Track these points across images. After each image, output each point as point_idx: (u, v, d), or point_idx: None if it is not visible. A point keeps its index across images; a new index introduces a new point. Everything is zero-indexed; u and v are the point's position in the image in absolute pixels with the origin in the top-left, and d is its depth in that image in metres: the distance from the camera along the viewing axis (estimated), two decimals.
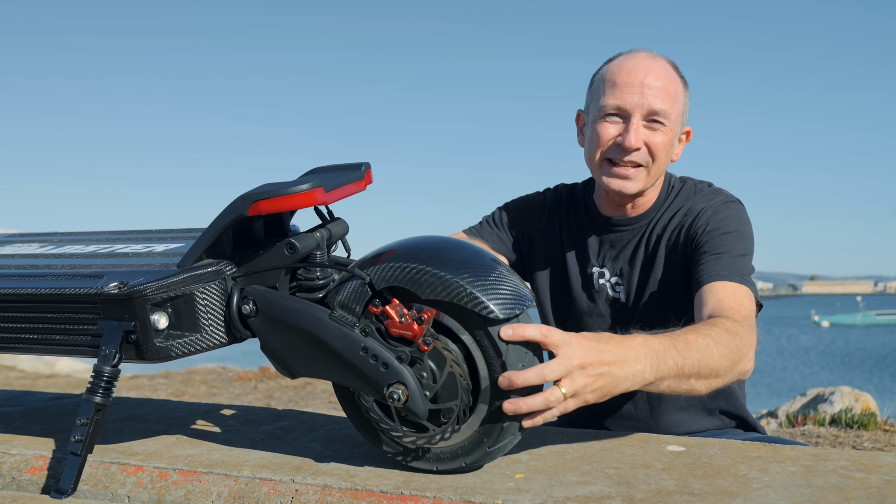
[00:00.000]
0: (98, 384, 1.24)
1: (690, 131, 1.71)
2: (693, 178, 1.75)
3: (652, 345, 1.20)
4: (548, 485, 1.16)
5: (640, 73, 1.60)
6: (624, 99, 1.59)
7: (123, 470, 1.34)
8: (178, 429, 1.61)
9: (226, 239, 1.27)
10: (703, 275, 1.51)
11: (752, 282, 1.52)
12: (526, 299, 1.16)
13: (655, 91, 1.59)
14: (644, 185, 1.64)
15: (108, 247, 1.51)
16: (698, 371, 1.25)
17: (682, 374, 1.23)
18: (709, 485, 1.14)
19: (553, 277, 1.80)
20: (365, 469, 1.27)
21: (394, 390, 1.14)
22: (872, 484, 1.12)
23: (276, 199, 1.17)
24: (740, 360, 1.32)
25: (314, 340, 1.19)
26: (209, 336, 1.26)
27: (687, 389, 1.27)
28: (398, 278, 1.16)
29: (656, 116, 1.59)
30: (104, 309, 1.25)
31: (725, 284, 1.47)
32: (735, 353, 1.31)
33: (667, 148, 1.62)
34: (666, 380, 1.22)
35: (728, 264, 1.51)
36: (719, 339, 1.28)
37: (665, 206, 1.70)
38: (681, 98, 1.64)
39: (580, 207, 1.80)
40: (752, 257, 1.58)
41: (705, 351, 1.25)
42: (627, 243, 1.71)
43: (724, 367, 1.29)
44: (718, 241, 1.56)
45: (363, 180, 1.31)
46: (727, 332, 1.31)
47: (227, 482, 1.27)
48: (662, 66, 1.63)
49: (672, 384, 1.23)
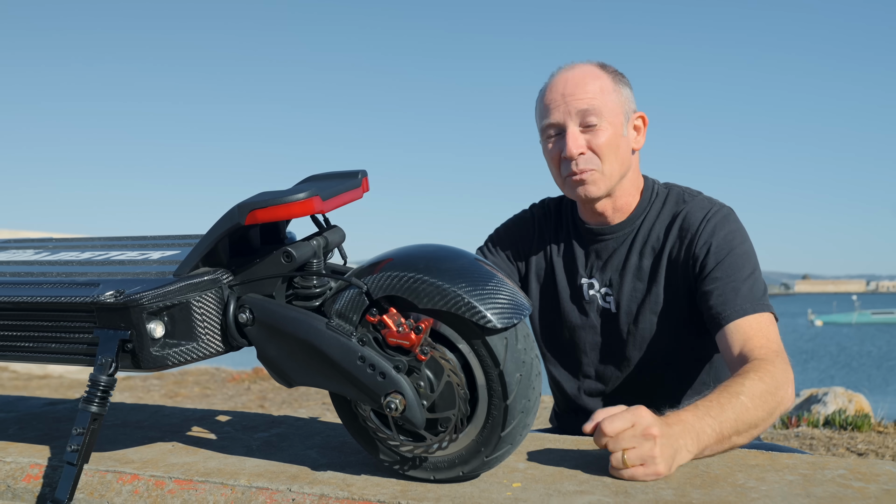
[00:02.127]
0: (94, 393, 1.24)
1: (644, 116, 1.72)
2: (678, 185, 1.75)
3: (689, 420, 1.27)
4: (545, 494, 1.16)
5: (560, 86, 1.65)
6: (552, 115, 1.65)
7: (119, 478, 1.33)
8: (174, 435, 1.60)
9: (222, 247, 1.26)
10: (723, 311, 1.52)
11: (768, 302, 1.54)
12: (523, 308, 1.16)
13: (577, 96, 1.63)
14: (607, 185, 1.65)
15: (103, 254, 1.50)
16: (737, 430, 1.31)
17: (723, 437, 1.29)
18: (707, 494, 1.14)
19: (544, 291, 1.81)
20: (362, 478, 1.26)
21: (391, 400, 1.14)
22: (871, 493, 1.12)
23: (273, 208, 1.16)
24: (779, 402, 1.37)
25: (311, 349, 1.19)
26: (206, 345, 1.25)
27: (729, 447, 1.33)
28: (395, 287, 1.16)
29: (587, 118, 1.62)
30: (100, 318, 1.24)
31: (749, 320, 1.49)
32: (771, 397, 1.36)
33: (612, 143, 1.64)
34: (708, 448, 1.28)
35: (746, 294, 1.52)
36: (753, 392, 1.34)
37: (650, 211, 1.70)
38: (610, 91, 1.66)
39: (566, 219, 1.81)
40: (759, 268, 1.60)
41: (740, 409, 1.31)
42: (614, 252, 1.71)
43: (762, 416, 1.34)
44: (728, 264, 1.56)
45: (360, 188, 1.31)
46: (759, 380, 1.36)
47: (223, 491, 1.26)
48: (582, 70, 1.67)
49: (715, 448, 1.30)
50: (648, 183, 1.74)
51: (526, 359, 1.16)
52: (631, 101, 1.70)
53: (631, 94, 1.70)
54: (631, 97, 1.70)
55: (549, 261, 1.80)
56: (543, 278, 1.81)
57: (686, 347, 1.68)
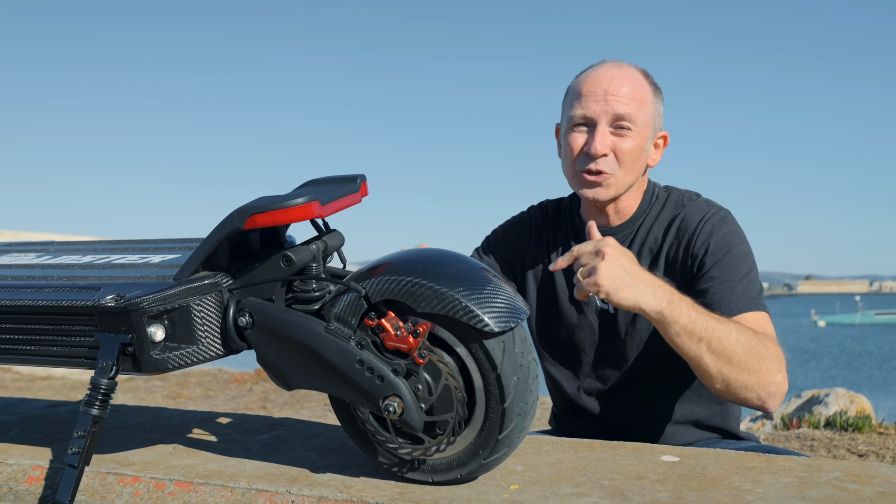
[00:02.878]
0: (95, 396, 1.25)
1: (667, 136, 1.73)
2: (678, 188, 1.76)
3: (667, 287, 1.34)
4: (542, 496, 1.17)
5: (604, 81, 1.63)
6: (588, 107, 1.62)
7: (120, 480, 1.34)
8: (175, 437, 1.61)
9: (222, 251, 1.27)
10: (717, 308, 1.53)
11: (763, 302, 1.54)
12: (521, 311, 1.17)
13: (619, 97, 1.61)
14: (616, 191, 1.66)
15: (104, 257, 1.51)
16: (709, 340, 1.32)
17: (693, 332, 1.30)
18: (703, 496, 1.15)
19: (542, 292, 1.81)
20: (361, 480, 1.27)
21: (389, 403, 1.14)
22: (866, 496, 1.13)
23: (272, 213, 1.17)
24: (763, 365, 1.36)
25: (310, 353, 1.20)
26: (205, 348, 1.27)
27: (695, 353, 1.33)
28: (394, 291, 1.17)
29: (622, 122, 1.61)
30: (101, 321, 1.25)
31: (746, 317, 1.50)
32: (757, 353, 1.36)
33: (635, 153, 1.64)
34: (675, 324, 1.31)
35: (742, 293, 1.53)
36: (743, 330, 1.35)
37: (649, 214, 1.71)
38: (649, 103, 1.65)
39: (566, 221, 1.82)
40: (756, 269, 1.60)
41: (721, 328, 1.32)
42: None
43: (741, 357, 1.34)
44: (725, 264, 1.57)
45: (358, 193, 1.32)
46: (755, 336, 1.37)
47: (223, 493, 1.27)
48: (628, 73, 1.65)
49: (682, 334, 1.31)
50: (649, 186, 1.75)
51: (523, 362, 1.17)
52: (661, 118, 1.70)
53: (662, 111, 1.71)
54: (662, 114, 1.71)
55: (547, 262, 1.81)
56: (541, 279, 1.81)
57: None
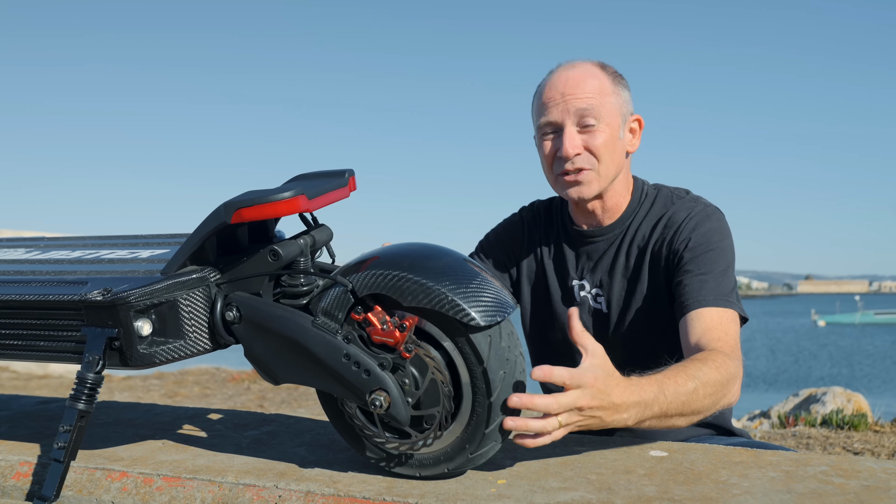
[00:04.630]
0: (81, 391, 1.25)
1: (640, 119, 1.73)
2: (668, 186, 1.75)
3: (643, 394, 1.24)
4: (529, 491, 1.17)
5: (560, 84, 1.65)
6: (551, 113, 1.64)
7: (108, 476, 1.34)
8: (165, 433, 1.61)
9: (209, 246, 1.27)
10: (687, 299, 1.53)
11: (735, 300, 1.54)
12: (507, 306, 1.17)
13: (578, 95, 1.63)
14: (600, 186, 1.66)
15: (93, 252, 1.51)
16: (681, 412, 1.31)
17: (666, 415, 1.29)
18: (689, 491, 1.15)
19: (535, 294, 1.82)
20: (349, 475, 1.27)
21: (376, 397, 1.14)
22: (850, 489, 1.13)
23: (259, 207, 1.17)
24: (725, 395, 1.38)
25: (297, 347, 1.20)
26: (193, 342, 1.26)
27: (667, 426, 1.33)
28: (380, 286, 1.17)
29: (585, 118, 1.62)
30: (88, 315, 1.25)
31: (711, 311, 1.50)
32: (720, 390, 1.36)
33: (609, 145, 1.64)
34: (647, 421, 1.27)
35: (713, 287, 1.53)
36: (707, 380, 1.34)
37: (639, 212, 1.71)
38: (610, 93, 1.65)
39: (556, 221, 1.82)
40: (734, 267, 1.60)
41: (692, 395, 1.31)
42: (604, 253, 1.71)
43: (707, 405, 1.35)
44: (702, 258, 1.57)
45: (346, 187, 1.32)
46: (716, 370, 1.36)
47: (210, 488, 1.27)
48: (582, 70, 1.66)
49: (653, 423, 1.29)
50: (638, 184, 1.75)
51: (510, 356, 1.17)
52: (629, 104, 1.70)
53: (629, 96, 1.71)
54: (629, 99, 1.70)
55: (539, 263, 1.81)
56: (535, 281, 1.81)
57: (677, 343, 1.68)
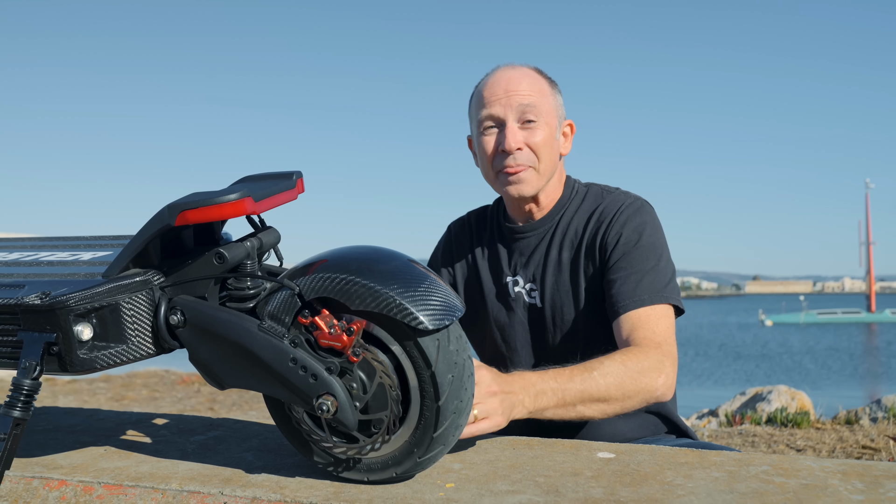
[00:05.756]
0: (17, 397, 1.21)
1: (573, 124, 1.79)
2: (598, 184, 1.80)
3: (531, 379, 1.37)
4: (477, 494, 1.16)
5: (503, 81, 1.69)
6: (494, 108, 1.68)
7: (46, 485, 1.30)
8: (108, 440, 1.57)
9: (153, 248, 1.25)
10: (617, 300, 1.57)
11: (669, 292, 1.57)
12: (455, 309, 1.17)
13: (520, 91, 1.67)
14: (538, 183, 1.70)
15: (32, 254, 1.47)
16: (582, 399, 1.38)
17: (566, 403, 1.37)
18: (635, 492, 1.16)
19: (470, 295, 1.85)
20: (296, 480, 1.26)
21: (323, 401, 1.13)
22: (790, 488, 1.16)
23: (204, 209, 1.15)
24: (643, 388, 1.44)
25: (243, 351, 1.18)
26: (136, 347, 1.23)
27: (577, 415, 1.40)
28: (328, 289, 1.16)
29: (528, 115, 1.66)
30: (25, 320, 1.21)
31: (639, 312, 1.54)
32: (631, 381, 1.42)
33: (548, 143, 1.68)
34: (549, 409, 1.37)
35: (646, 285, 1.56)
36: (608, 371, 1.41)
37: (569, 207, 1.75)
38: (548, 94, 1.71)
39: (490, 223, 1.86)
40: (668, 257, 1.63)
41: (588, 382, 1.39)
42: (535, 248, 1.75)
43: (615, 395, 1.41)
44: (633, 256, 1.61)
45: (294, 189, 1.30)
46: (621, 363, 1.43)
47: (154, 495, 1.24)
48: (523, 71, 1.72)
49: (558, 412, 1.38)
50: (570, 181, 1.80)
51: (458, 360, 1.17)
52: (562, 108, 1.77)
53: (562, 101, 1.78)
54: (563, 104, 1.77)
55: (472, 266, 1.84)
56: (470, 283, 1.84)
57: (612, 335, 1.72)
